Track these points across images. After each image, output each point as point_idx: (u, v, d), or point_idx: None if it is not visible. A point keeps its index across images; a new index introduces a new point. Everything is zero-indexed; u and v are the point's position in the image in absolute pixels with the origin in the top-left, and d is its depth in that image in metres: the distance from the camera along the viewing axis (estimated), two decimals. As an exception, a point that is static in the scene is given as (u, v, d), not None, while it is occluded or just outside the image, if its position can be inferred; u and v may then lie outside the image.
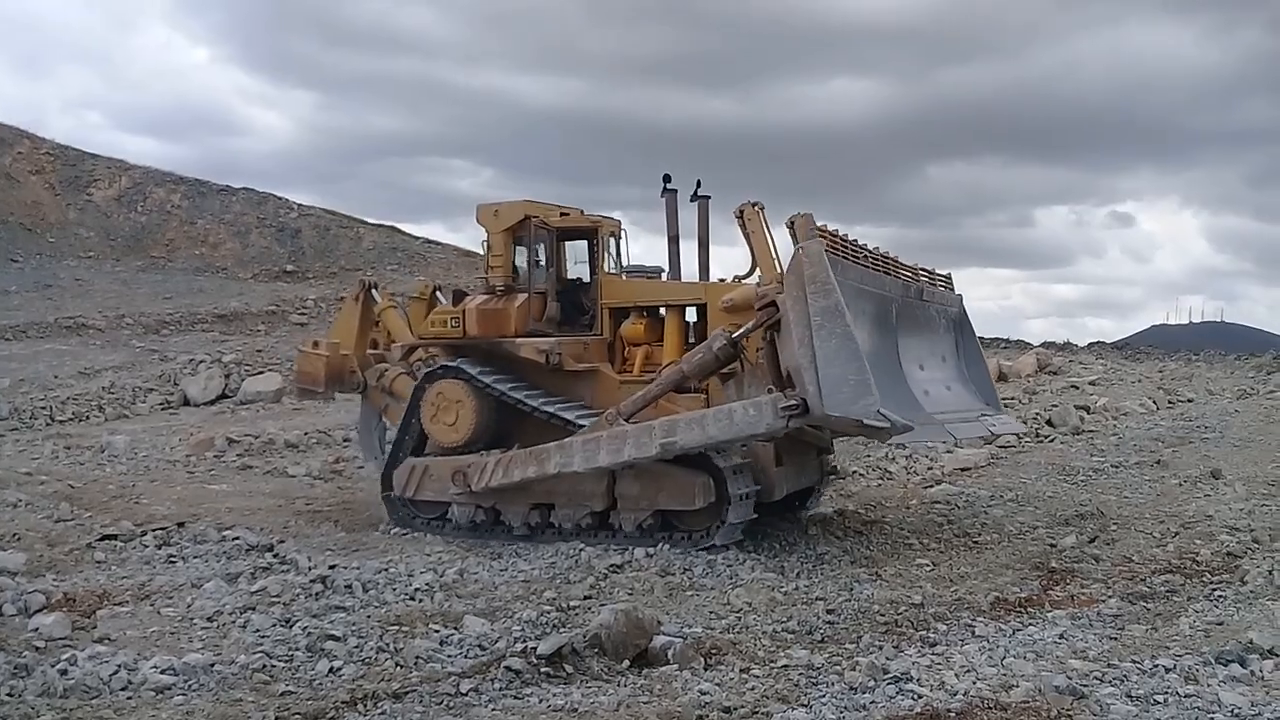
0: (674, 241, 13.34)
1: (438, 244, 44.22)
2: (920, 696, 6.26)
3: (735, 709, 6.20)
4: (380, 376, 14.03)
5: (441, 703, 6.28)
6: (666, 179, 13.15)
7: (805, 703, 6.24)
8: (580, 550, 10.70)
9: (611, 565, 10.17)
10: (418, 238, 44.59)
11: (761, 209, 11.69)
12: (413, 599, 8.72)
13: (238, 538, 10.74)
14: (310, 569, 9.36)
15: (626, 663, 7.15)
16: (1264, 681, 6.44)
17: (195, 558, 10.05)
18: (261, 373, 26.01)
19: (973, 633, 8.20)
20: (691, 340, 12.23)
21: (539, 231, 12.72)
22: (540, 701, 6.38)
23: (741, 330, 10.71)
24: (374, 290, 14.90)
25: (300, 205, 44.51)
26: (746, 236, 11.70)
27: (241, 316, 33.37)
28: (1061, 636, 7.80)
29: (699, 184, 13.55)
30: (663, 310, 12.70)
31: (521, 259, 12.91)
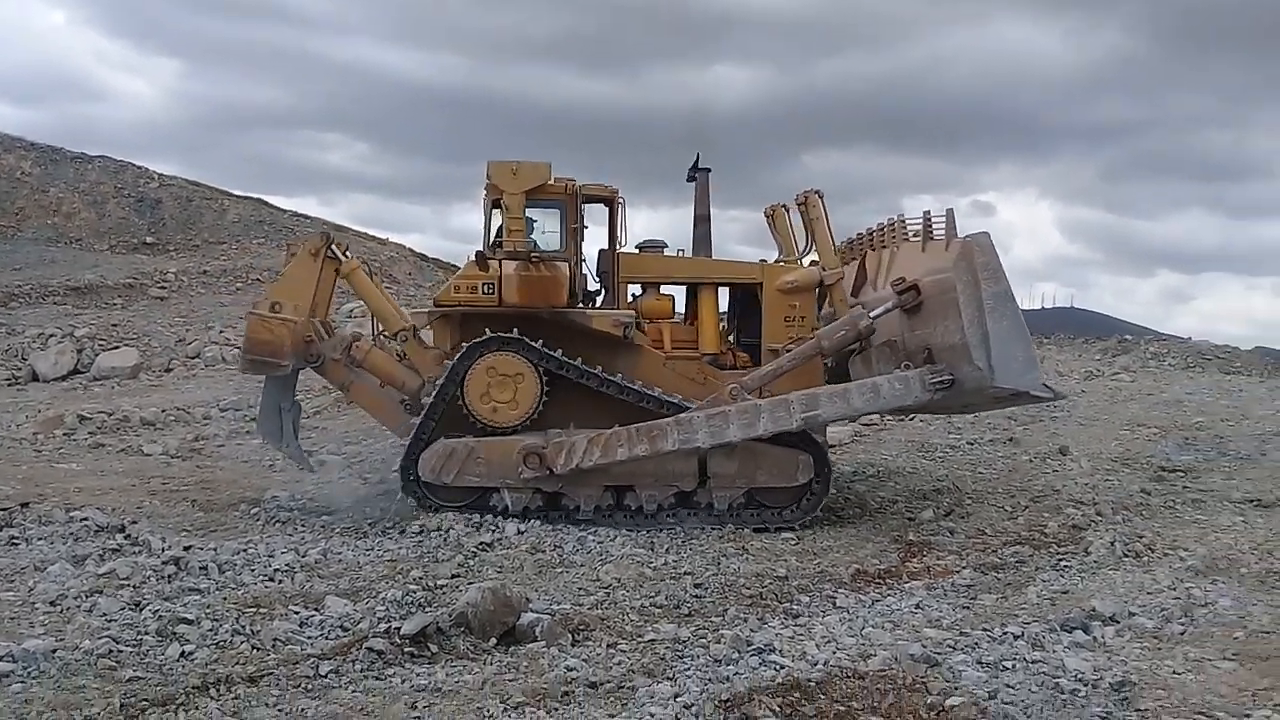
0: (704, 220, 13.36)
1: (307, 217, 42.90)
2: (782, 667, 6.40)
3: (601, 684, 6.23)
4: (347, 348, 12.13)
5: (299, 685, 6.12)
6: (696, 159, 13.19)
7: (670, 675, 6.31)
8: (449, 528, 10.56)
9: (481, 543, 10.08)
10: (285, 210, 43.15)
11: (822, 196, 12.33)
12: (272, 580, 8.46)
13: (86, 518, 10.21)
14: (164, 550, 8.98)
15: (494, 641, 7.11)
16: (1105, 647, 6.80)
17: (39, 539, 9.53)
18: (117, 347, 24.94)
19: (834, 603, 8.43)
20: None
21: (568, 195, 11.94)
22: (403, 682, 6.28)
23: (880, 310, 11.21)
24: (334, 246, 12.47)
25: (161, 175, 42.61)
26: (807, 222, 12.50)
27: (96, 289, 31.82)
28: (918, 606, 8.08)
29: (698, 158, 13.53)
30: (697, 288, 12.57)
31: (556, 222, 12.14)
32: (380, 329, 12.51)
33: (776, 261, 13.08)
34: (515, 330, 11.42)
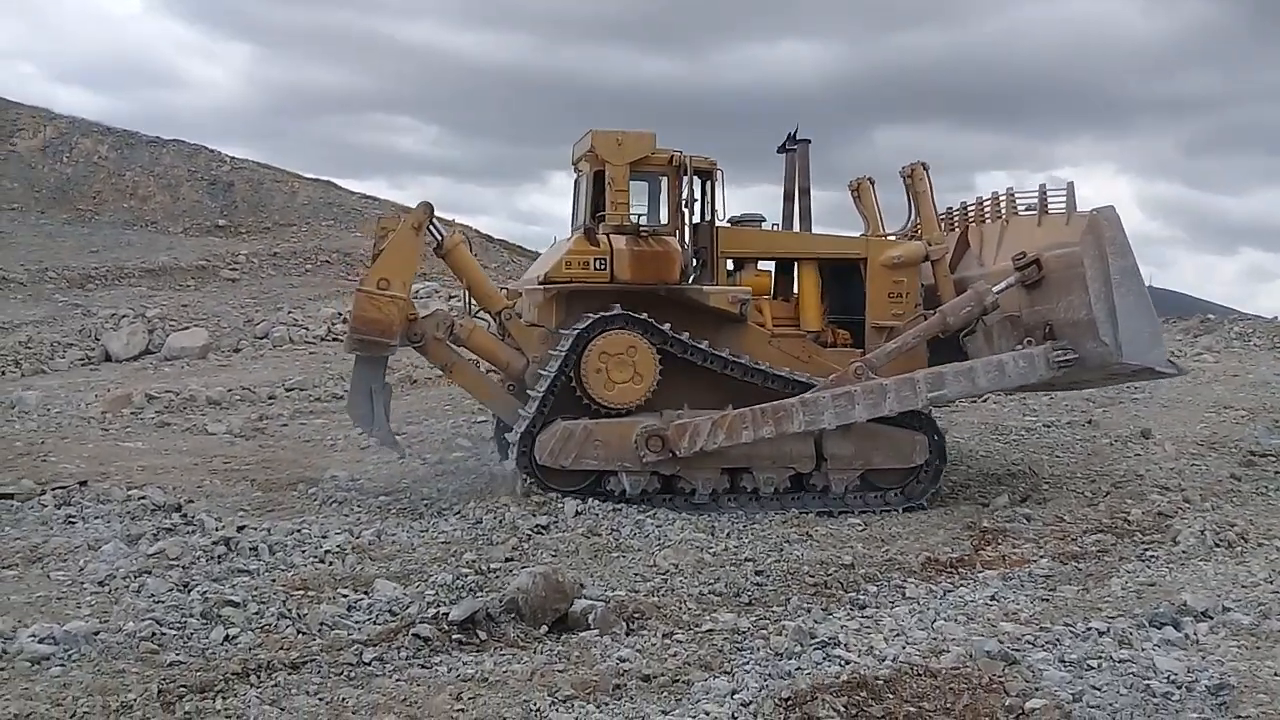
0: (805, 194, 13.01)
1: (376, 199, 43.14)
2: (848, 663, 6.03)
3: (655, 677, 5.93)
4: (449, 327, 11.61)
5: (341, 673, 5.91)
6: (795, 131, 12.86)
7: (728, 669, 5.99)
8: (505, 510, 10.32)
9: (536, 526, 9.81)
10: (355, 193, 43.48)
11: (928, 169, 12.26)
12: (322, 562, 8.29)
13: (144, 497, 10.18)
14: (217, 530, 8.87)
15: (545, 628, 6.86)
16: (1199, 645, 6.32)
17: (96, 518, 9.49)
18: (187, 328, 25.16)
19: (903, 594, 8.03)
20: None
21: (672, 167, 11.49)
22: (449, 671, 6.05)
23: (1002, 285, 11.04)
24: (436, 222, 11.76)
25: (233, 158, 43.16)
26: (913, 196, 12.38)
27: (170, 271, 32.33)
28: (993, 598, 7.64)
29: (796, 129, 13.14)
30: (798, 263, 12.27)
31: (642, 195, 11.81)
32: (476, 307, 12.24)
33: (876, 236, 12.69)
34: (629, 308, 11.03)
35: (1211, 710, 5.26)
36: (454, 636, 6.52)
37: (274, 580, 7.59)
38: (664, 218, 11.70)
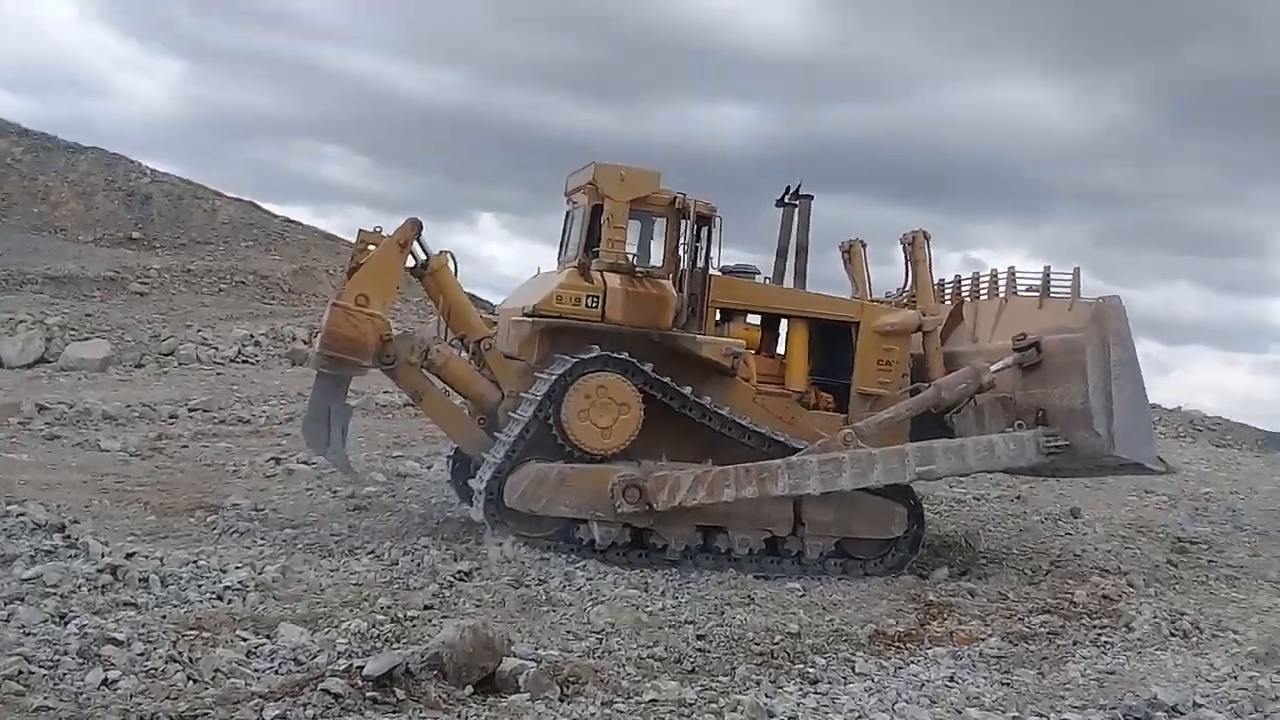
0: (803, 251, 12.62)
1: (299, 224, 42.01)
2: (809, 746, 5.45)
3: (595, 752, 5.27)
4: (425, 353, 10.85)
5: (238, 731, 5.15)
6: (798, 186, 12.57)
7: (678, 749, 5.36)
8: (424, 552, 9.57)
9: (459, 572, 9.07)
10: (277, 216, 42.15)
11: (929, 238, 12.18)
12: (220, 599, 7.47)
13: (24, 514, 9.19)
14: (103, 556, 7.97)
15: (470, 689, 6.16)
16: (1176, 743, 5.88)
17: (-34, 535, 8.52)
18: (89, 339, 23.87)
19: (853, 669, 7.54)
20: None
21: (675, 209, 10.97)
22: (361, 733, 5.32)
23: (1000, 365, 10.72)
24: (422, 240, 11.05)
25: (153, 170, 41.58)
26: (911, 263, 12.37)
27: (76, 280, 30.80)
28: (951, 679, 7.20)
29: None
30: (788, 320, 11.76)
31: (634, 234, 11.17)
32: (449, 335, 11.35)
33: (871, 301, 12.38)
34: (612, 350, 10.44)
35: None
36: (368, 694, 5.78)
37: (164, 617, 6.76)
38: (655, 259, 11.19)
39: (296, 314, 30.67)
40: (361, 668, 6.00)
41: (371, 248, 10.91)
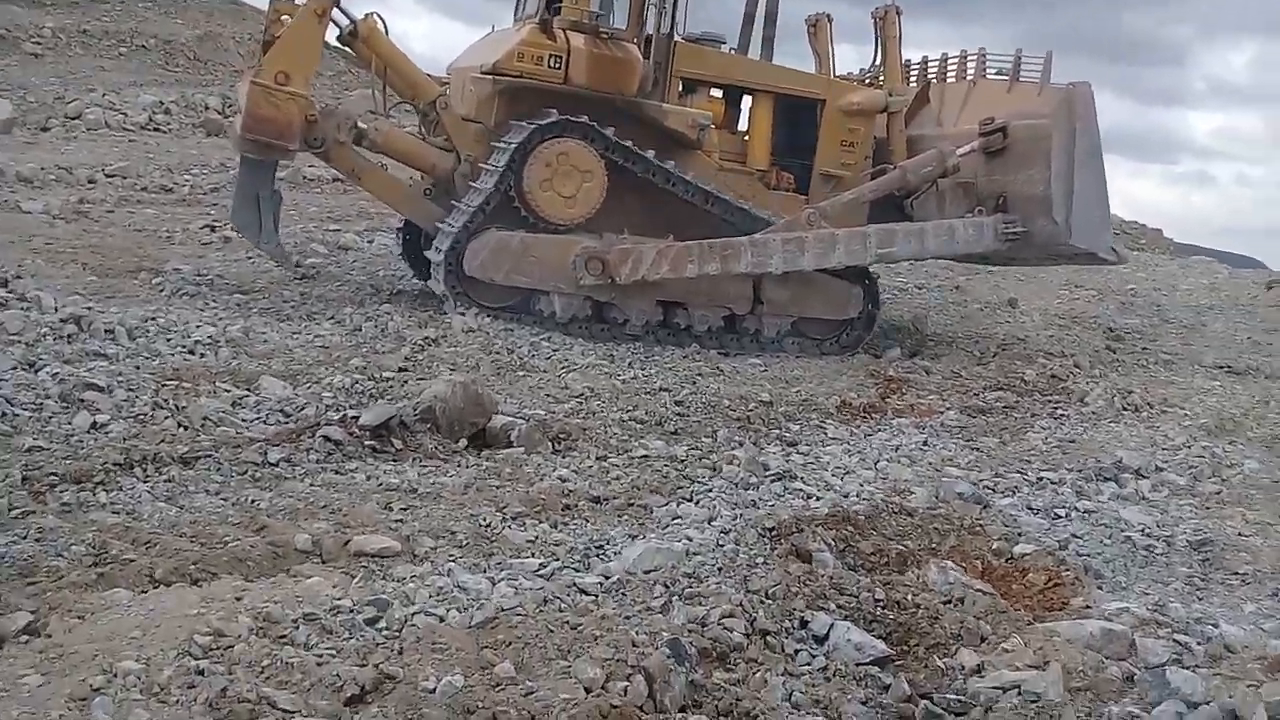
0: (771, 21, 11.93)
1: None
2: (810, 496, 5.59)
3: (605, 499, 5.34)
4: (356, 129, 10.18)
5: (245, 472, 5.08)
6: None
7: (689, 496, 5.44)
8: (388, 318, 9.36)
9: (426, 338, 8.90)
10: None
11: (900, 13, 11.55)
12: (192, 353, 7.20)
13: (-41, 268, 8.69)
14: (58, 309, 7.59)
15: (463, 442, 6.13)
16: (1149, 502, 6.19)
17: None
18: (-13, 99, 22.25)
19: (826, 434, 7.69)
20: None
21: None
22: (369, 479, 5.29)
23: (966, 148, 10.53)
24: (341, 6, 10.19)
25: (39, -82, 38.13)
26: (882, 40, 11.77)
27: (-38, 37, 28.49)
28: (925, 444, 7.36)
29: None
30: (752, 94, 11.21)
31: None
32: (395, 99, 10.65)
33: (838, 78, 11.90)
34: (570, 114, 9.90)
35: (1199, 565, 5.11)
36: (366, 443, 5.72)
37: (138, 368, 6.52)
38: (619, 22, 10.52)
39: (204, 83, 28.87)
40: (356, 417, 5.92)
41: (286, 18, 10.05)
